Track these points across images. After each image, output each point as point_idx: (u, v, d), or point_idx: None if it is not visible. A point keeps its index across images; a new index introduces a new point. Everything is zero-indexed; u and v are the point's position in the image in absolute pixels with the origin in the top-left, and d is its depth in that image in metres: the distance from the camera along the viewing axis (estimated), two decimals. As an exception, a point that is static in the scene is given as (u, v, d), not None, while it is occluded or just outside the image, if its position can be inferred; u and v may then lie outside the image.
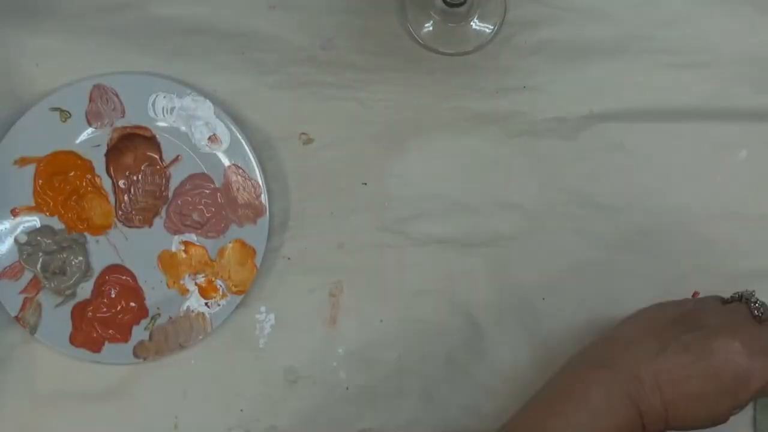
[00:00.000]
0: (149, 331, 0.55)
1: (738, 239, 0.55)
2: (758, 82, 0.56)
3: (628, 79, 0.56)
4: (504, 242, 0.55)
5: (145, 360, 0.55)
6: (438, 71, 0.57)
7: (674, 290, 0.55)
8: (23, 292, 0.55)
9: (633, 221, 0.55)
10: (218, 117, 0.55)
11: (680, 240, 0.55)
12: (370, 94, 0.56)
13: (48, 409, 0.55)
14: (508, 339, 0.55)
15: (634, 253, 0.55)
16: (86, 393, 0.55)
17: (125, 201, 0.56)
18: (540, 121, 0.56)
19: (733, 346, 0.44)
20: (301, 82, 0.56)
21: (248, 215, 0.55)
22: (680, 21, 0.56)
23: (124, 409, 0.55)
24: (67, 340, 0.55)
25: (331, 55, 0.56)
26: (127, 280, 0.55)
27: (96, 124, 0.55)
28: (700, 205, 0.55)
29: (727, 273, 0.55)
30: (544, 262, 0.55)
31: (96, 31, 0.56)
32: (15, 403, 0.55)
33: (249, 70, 0.56)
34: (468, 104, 0.56)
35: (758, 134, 0.56)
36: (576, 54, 0.56)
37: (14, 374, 0.55)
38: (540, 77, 0.56)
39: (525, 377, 0.54)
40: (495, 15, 0.57)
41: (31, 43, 0.56)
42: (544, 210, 0.56)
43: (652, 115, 0.56)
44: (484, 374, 0.55)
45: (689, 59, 0.56)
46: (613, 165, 0.56)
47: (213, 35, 0.56)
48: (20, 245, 0.55)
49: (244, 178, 0.55)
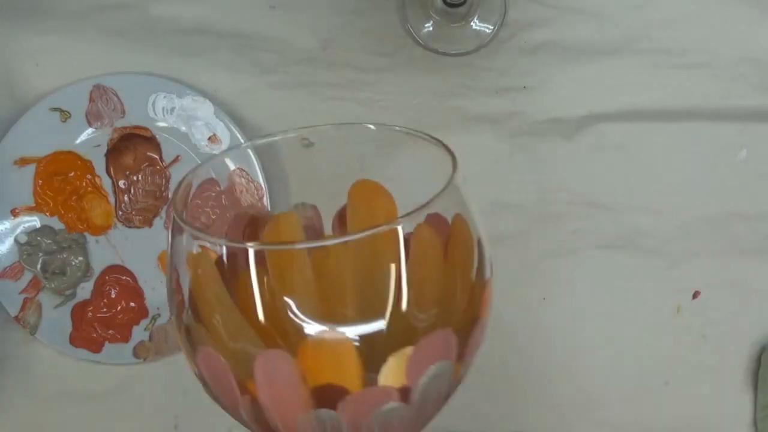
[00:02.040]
0: (149, 331, 0.55)
1: (738, 239, 0.55)
2: (758, 82, 0.56)
3: (628, 79, 0.56)
4: (504, 242, 0.55)
5: (145, 360, 0.55)
6: (438, 71, 0.57)
7: (675, 290, 0.55)
8: (23, 292, 0.55)
9: (633, 221, 0.55)
10: (218, 117, 0.55)
11: (680, 240, 0.55)
12: (370, 94, 0.56)
13: (48, 409, 0.55)
14: (508, 339, 0.55)
15: (634, 253, 0.55)
16: (86, 393, 0.55)
17: (125, 201, 0.56)
18: (540, 121, 0.56)
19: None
20: (301, 82, 0.56)
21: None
22: (680, 21, 0.56)
23: (124, 409, 0.55)
24: (67, 340, 0.55)
25: (331, 55, 0.56)
26: (127, 280, 0.55)
27: (96, 124, 0.55)
28: (700, 205, 0.55)
29: (727, 273, 0.55)
30: (544, 262, 0.55)
31: (96, 31, 0.56)
32: (15, 403, 0.55)
33: (249, 70, 0.56)
34: (468, 104, 0.56)
35: (758, 134, 0.56)
36: (576, 54, 0.56)
37: (14, 374, 0.55)
38: (540, 77, 0.56)
39: (525, 377, 0.54)
40: (495, 15, 0.57)
41: (31, 43, 0.56)
42: (544, 210, 0.56)
43: (652, 115, 0.56)
44: (484, 374, 0.55)
45: (689, 59, 0.56)
46: (613, 165, 0.56)
47: (213, 35, 0.56)
48: (20, 245, 0.55)
49: (247, 180, 0.55)
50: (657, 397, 0.56)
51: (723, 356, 0.56)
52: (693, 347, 0.56)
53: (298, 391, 0.31)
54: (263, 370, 0.31)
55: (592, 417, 0.56)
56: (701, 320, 0.56)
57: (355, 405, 0.31)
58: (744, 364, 0.56)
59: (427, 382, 0.31)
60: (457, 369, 0.33)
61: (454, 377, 0.33)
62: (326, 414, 0.31)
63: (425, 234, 0.34)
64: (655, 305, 0.56)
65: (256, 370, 0.31)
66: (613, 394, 0.56)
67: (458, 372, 0.33)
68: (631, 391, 0.56)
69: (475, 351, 0.34)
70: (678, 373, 0.56)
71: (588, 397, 0.56)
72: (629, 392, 0.56)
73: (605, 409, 0.56)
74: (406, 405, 0.32)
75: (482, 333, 0.34)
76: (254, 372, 0.31)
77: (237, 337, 0.33)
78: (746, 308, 0.56)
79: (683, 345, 0.56)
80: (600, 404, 0.56)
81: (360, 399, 0.31)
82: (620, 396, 0.56)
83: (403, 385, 0.31)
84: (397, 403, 0.31)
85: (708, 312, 0.56)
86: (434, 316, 0.33)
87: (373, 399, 0.31)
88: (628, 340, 0.56)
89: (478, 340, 0.34)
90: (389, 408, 0.31)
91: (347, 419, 0.31)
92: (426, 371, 0.31)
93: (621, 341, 0.56)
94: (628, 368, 0.56)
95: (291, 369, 0.31)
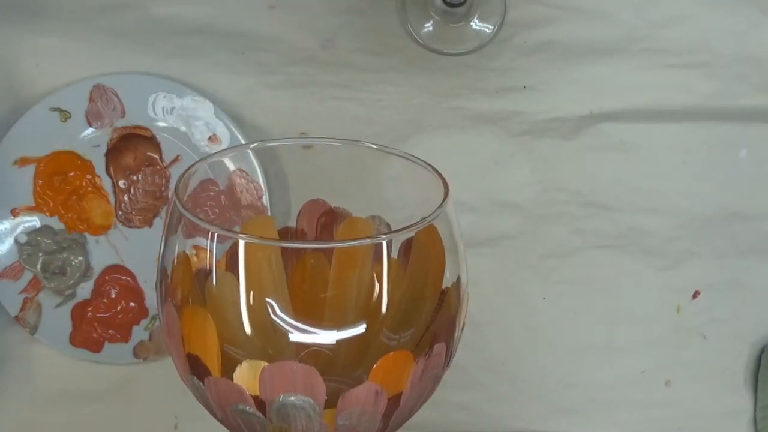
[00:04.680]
0: (149, 331, 0.55)
1: (738, 239, 0.55)
2: (758, 82, 0.56)
3: (628, 79, 0.56)
4: (504, 242, 0.55)
5: (145, 360, 0.55)
6: (438, 71, 0.57)
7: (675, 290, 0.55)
8: (23, 292, 0.55)
9: (633, 221, 0.55)
10: (218, 117, 0.55)
11: (680, 240, 0.55)
12: (370, 94, 0.56)
13: (48, 409, 0.55)
14: (508, 339, 0.55)
15: (634, 253, 0.55)
16: (86, 393, 0.55)
17: (125, 201, 0.56)
18: (540, 121, 0.56)
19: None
20: (301, 82, 0.56)
21: (250, 217, 0.55)
22: (680, 21, 0.56)
23: (124, 409, 0.55)
24: (67, 340, 0.55)
25: (331, 55, 0.56)
26: (127, 280, 0.55)
27: (96, 124, 0.55)
28: (700, 205, 0.55)
29: (727, 273, 0.55)
30: (544, 262, 0.55)
31: (96, 31, 0.56)
32: (15, 403, 0.55)
33: (249, 70, 0.56)
34: (468, 104, 0.56)
35: (758, 134, 0.56)
36: (576, 54, 0.56)
37: (14, 374, 0.55)
38: (540, 77, 0.56)
39: (526, 377, 0.54)
40: (495, 15, 0.57)
41: (31, 43, 0.56)
42: (544, 210, 0.56)
43: (652, 115, 0.56)
44: (484, 374, 0.55)
45: (689, 59, 0.56)
46: (613, 165, 0.56)
47: (213, 35, 0.56)
48: (20, 245, 0.55)
49: (246, 180, 0.55)
50: (657, 397, 0.56)
51: (723, 356, 0.56)
52: (693, 347, 0.56)
53: (179, 351, 0.33)
54: (165, 321, 0.34)
55: (593, 417, 0.56)
56: (701, 320, 0.56)
57: (215, 388, 0.32)
58: (744, 364, 0.56)
59: (281, 405, 0.31)
60: (327, 414, 0.32)
61: (319, 419, 0.32)
62: (197, 383, 0.33)
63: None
64: (655, 305, 0.56)
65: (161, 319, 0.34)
66: (613, 394, 0.56)
67: (329, 418, 0.32)
68: (631, 391, 0.56)
69: (357, 409, 0.32)
70: (678, 373, 0.56)
71: (588, 397, 0.56)
72: (629, 392, 0.56)
73: (605, 409, 0.56)
74: (263, 417, 0.31)
75: (370, 398, 0.32)
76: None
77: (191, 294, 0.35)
78: (746, 308, 0.56)
79: (683, 345, 0.56)
80: (600, 404, 0.56)
81: (218, 385, 0.32)
82: (620, 396, 0.56)
83: (257, 396, 0.31)
84: (253, 410, 0.31)
85: (708, 312, 0.56)
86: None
87: (229, 392, 0.32)
88: (628, 340, 0.56)
89: (363, 402, 0.32)
90: (245, 409, 0.32)
91: (213, 399, 0.32)
92: (280, 395, 0.31)
93: (621, 341, 0.56)
94: (628, 368, 0.56)
95: (176, 327, 0.33)
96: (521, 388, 0.54)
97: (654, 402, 0.56)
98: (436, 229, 0.34)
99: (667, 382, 0.56)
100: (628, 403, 0.56)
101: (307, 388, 0.31)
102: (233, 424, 0.33)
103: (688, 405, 0.56)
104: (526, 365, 0.55)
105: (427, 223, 0.33)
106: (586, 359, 0.56)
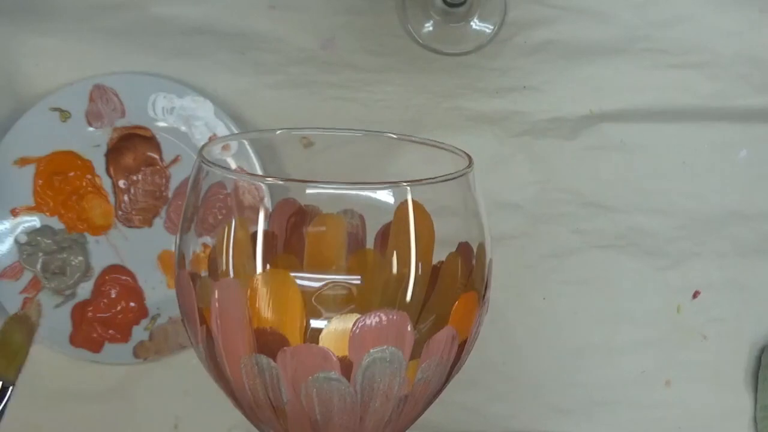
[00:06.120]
0: (149, 331, 0.55)
1: (738, 239, 0.55)
2: (758, 82, 0.56)
3: (628, 79, 0.56)
4: (504, 242, 0.55)
5: (145, 360, 0.55)
6: (438, 71, 0.57)
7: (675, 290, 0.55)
8: (23, 292, 0.55)
9: (633, 221, 0.55)
10: (218, 117, 0.55)
11: (680, 240, 0.55)
12: (370, 94, 0.56)
13: (48, 409, 0.55)
14: (508, 339, 0.55)
15: (634, 253, 0.55)
16: (86, 393, 0.55)
17: (125, 201, 0.56)
18: (540, 121, 0.56)
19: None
20: (301, 82, 0.56)
21: (251, 218, 0.55)
22: (680, 21, 0.56)
23: (124, 409, 0.55)
24: (67, 340, 0.55)
25: (331, 55, 0.56)
26: (127, 280, 0.55)
27: (96, 124, 0.55)
28: (700, 205, 0.55)
29: (727, 272, 0.55)
30: (544, 262, 0.55)
31: (96, 31, 0.56)
32: (15, 403, 0.55)
33: (249, 70, 0.56)
34: (468, 104, 0.56)
35: (758, 134, 0.56)
36: (576, 54, 0.56)
37: (14, 374, 0.55)
38: (540, 77, 0.56)
39: (525, 377, 0.54)
40: (495, 15, 0.57)
41: (31, 43, 0.56)
42: (544, 210, 0.56)
43: (652, 115, 0.56)
44: (484, 374, 0.55)
45: (689, 59, 0.56)
46: (613, 165, 0.56)
47: (213, 35, 0.56)
48: (20, 245, 0.55)
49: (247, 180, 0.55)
50: (657, 397, 0.56)
51: (723, 356, 0.56)
52: (693, 347, 0.56)
53: (243, 328, 0.31)
54: (218, 298, 0.31)
55: (593, 417, 0.56)
56: (701, 320, 0.56)
57: (293, 360, 0.30)
58: (744, 364, 0.56)
59: (370, 363, 0.30)
60: (410, 367, 0.31)
61: (402, 373, 0.30)
62: (266, 362, 0.30)
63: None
64: (655, 305, 0.56)
65: (212, 298, 0.31)
66: (613, 394, 0.56)
67: (411, 372, 0.31)
68: (631, 391, 0.56)
69: (436, 358, 0.31)
70: (678, 373, 0.56)
71: (588, 397, 0.56)
72: (629, 392, 0.56)
73: (605, 409, 0.56)
74: (347, 382, 0.30)
75: (448, 344, 0.32)
76: (210, 300, 0.31)
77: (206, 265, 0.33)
78: (746, 308, 0.56)
79: (683, 345, 0.56)
80: (600, 404, 0.56)
81: (298, 354, 0.30)
82: (620, 396, 0.56)
83: (345, 356, 0.30)
84: (337, 375, 0.30)
85: (708, 312, 0.56)
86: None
87: (311, 359, 0.30)
88: (628, 340, 0.56)
89: (441, 349, 0.32)
90: (328, 376, 0.30)
91: (286, 375, 0.30)
92: (370, 350, 0.30)
93: (621, 341, 0.56)
94: (628, 368, 0.56)
95: (241, 301, 0.31)
96: (521, 388, 0.54)
97: (654, 402, 0.56)
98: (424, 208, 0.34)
99: (667, 382, 0.56)
100: (628, 403, 0.56)
101: (398, 339, 0.30)
102: (302, 401, 0.30)
103: (688, 405, 0.56)
104: (526, 365, 0.55)
105: (452, 177, 0.33)
106: (586, 359, 0.56)
